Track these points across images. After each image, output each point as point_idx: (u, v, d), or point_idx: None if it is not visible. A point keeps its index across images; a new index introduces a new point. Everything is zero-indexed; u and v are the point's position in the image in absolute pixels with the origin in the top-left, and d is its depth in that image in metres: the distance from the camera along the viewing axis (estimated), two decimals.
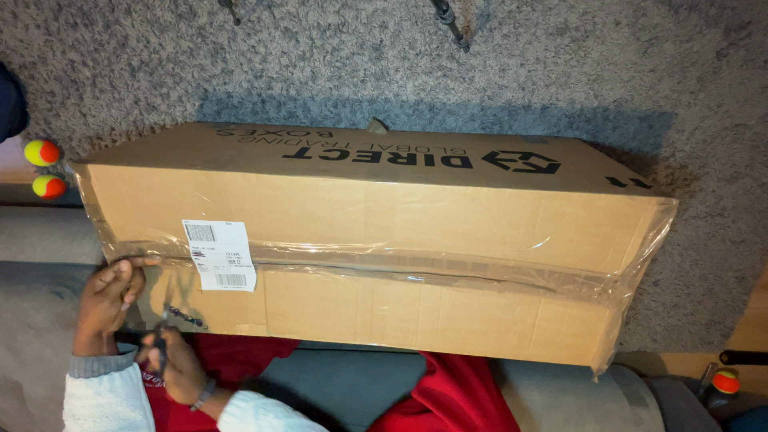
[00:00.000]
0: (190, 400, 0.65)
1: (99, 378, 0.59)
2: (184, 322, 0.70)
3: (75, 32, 0.83)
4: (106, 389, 0.60)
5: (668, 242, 1.00)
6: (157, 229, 0.61)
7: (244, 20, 0.81)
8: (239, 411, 0.64)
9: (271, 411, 0.64)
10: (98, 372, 0.59)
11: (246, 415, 0.63)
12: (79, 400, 0.59)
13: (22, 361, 0.79)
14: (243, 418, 0.63)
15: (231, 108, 0.90)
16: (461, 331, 0.66)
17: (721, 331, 1.12)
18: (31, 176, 0.99)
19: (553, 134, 0.88)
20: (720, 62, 0.80)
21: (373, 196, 0.56)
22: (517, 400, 0.93)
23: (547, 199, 0.54)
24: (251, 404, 0.64)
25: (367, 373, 0.99)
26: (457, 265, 0.61)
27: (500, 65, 0.82)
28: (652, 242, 0.55)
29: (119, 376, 0.61)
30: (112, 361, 0.61)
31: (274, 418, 0.63)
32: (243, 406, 0.64)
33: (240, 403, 0.65)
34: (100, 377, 0.59)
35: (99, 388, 0.59)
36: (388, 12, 0.78)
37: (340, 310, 0.67)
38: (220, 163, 0.58)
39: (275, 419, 0.63)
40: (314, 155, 0.64)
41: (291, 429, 0.63)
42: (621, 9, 0.76)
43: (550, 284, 0.60)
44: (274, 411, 0.64)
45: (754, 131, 0.87)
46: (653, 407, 0.94)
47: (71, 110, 0.92)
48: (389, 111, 0.88)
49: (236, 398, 0.65)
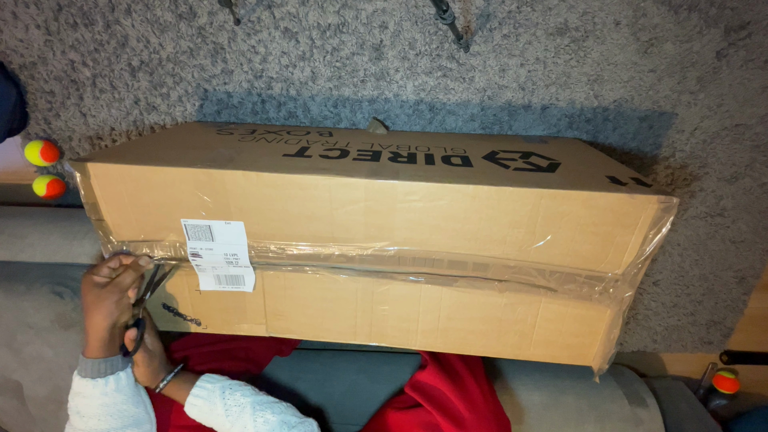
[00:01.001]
0: (155, 382, 0.65)
1: (105, 378, 0.59)
2: (183, 322, 0.70)
3: (75, 32, 0.83)
4: (112, 389, 0.59)
5: (668, 242, 1.00)
6: (157, 228, 0.61)
7: (244, 20, 0.81)
8: (206, 392, 0.64)
9: (238, 390, 0.64)
10: (105, 373, 0.59)
11: (213, 396, 0.63)
12: (86, 399, 0.59)
13: (22, 361, 0.78)
14: (210, 398, 0.63)
15: (231, 108, 0.90)
16: (462, 331, 0.66)
17: (721, 331, 1.12)
18: (31, 176, 0.99)
19: (553, 134, 0.88)
20: (720, 62, 0.80)
21: (374, 194, 0.56)
22: (517, 400, 0.93)
23: (548, 198, 0.54)
24: (218, 385, 0.65)
25: (367, 373, 0.98)
26: (457, 265, 0.61)
27: (500, 65, 0.82)
28: (653, 241, 0.55)
29: (125, 375, 0.61)
30: (119, 360, 0.61)
31: (241, 396, 0.64)
32: (209, 387, 0.64)
33: (206, 384, 0.65)
34: (106, 378, 0.59)
35: (105, 389, 0.59)
36: (388, 12, 0.78)
37: (339, 310, 0.66)
38: (219, 162, 0.58)
39: (242, 397, 0.63)
40: (314, 154, 0.64)
41: (259, 406, 0.63)
42: (621, 9, 0.76)
43: (551, 284, 0.60)
44: (240, 390, 0.65)
45: (754, 131, 0.87)
46: (653, 407, 0.94)
47: (71, 110, 0.92)
48: (389, 111, 0.88)
49: (202, 380, 0.65)
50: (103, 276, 0.60)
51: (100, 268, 0.60)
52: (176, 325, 0.70)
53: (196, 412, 0.64)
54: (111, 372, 0.60)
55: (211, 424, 0.64)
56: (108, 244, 0.63)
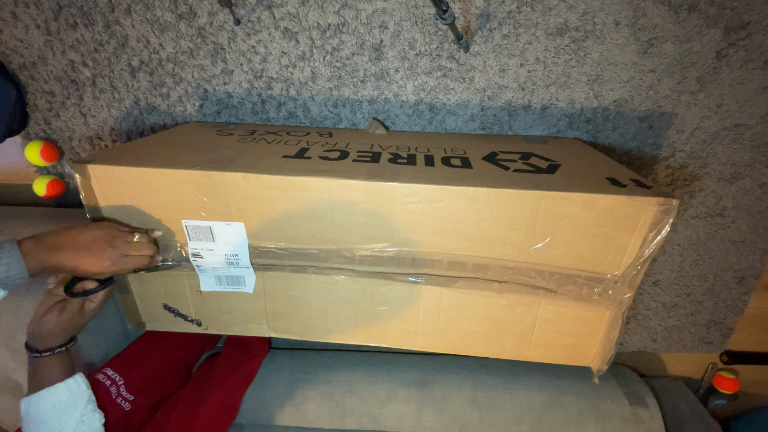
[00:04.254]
0: (51, 339, 0.58)
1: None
2: (184, 323, 0.70)
3: (75, 32, 0.83)
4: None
5: (668, 242, 1.00)
6: (157, 229, 0.61)
7: (244, 20, 0.81)
8: (78, 390, 0.60)
9: (97, 414, 0.62)
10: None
11: (79, 401, 0.60)
12: None
13: (22, 361, 0.78)
14: (76, 400, 0.60)
15: (231, 108, 0.90)
16: (461, 331, 0.66)
17: (721, 331, 1.12)
18: (31, 176, 0.99)
19: (553, 134, 0.88)
20: (720, 62, 0.80)
21: (374, 196, 0.56)
22: (517, 400, 0.93)
23: (548, 200, 0.54)
24: (88, 393, 0.62)
25: (367, 373, 0.99)
26: (457, 266, 0.61)
27: (500, 65, 0.82)
28: (653, 242, 0.55)
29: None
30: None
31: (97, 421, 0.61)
32: (83, 388, 0.61)
33: (82, 383, 0.61)
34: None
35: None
36: (388, 12, 0.78)
37: (340, 310, 0.67)
38: (220, 163, 0.58)
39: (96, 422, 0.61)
40: (314, 155, 0.64)
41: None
42: (621, 9, 0.76)
43: (551, 285, 0.60)
44: (99, 415, 0.62)
45: (754, 131, 0.87)
46: (653, 407, 0.94)
47: (71, 110, 0.92)
48: (389, 111, 0.88)
49: (81, 376, 0.62)
50: (127, 234, 0.58)
51: (127, 231, 0.58)
52: (177, 326, 0.70)
53: (53, 400, 0.58)
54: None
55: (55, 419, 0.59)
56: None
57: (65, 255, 0.53)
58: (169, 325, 0.70)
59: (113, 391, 0.72)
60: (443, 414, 0.92)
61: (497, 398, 0.94)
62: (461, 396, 0.94)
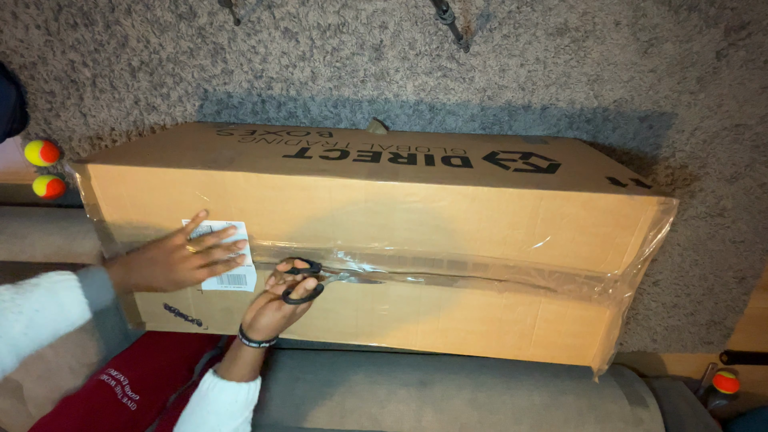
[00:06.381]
0: (267, 333, 0.58)
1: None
2: (184, 322, 0.70)
3: (75, 32, 0.83)
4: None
5: (668, 242, 1.00)
6: (158, 229, 0.61)
7: (244, 20, 0.81)
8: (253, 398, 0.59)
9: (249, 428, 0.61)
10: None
11: (246, 409, 0.59)
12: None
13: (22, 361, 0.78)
14: (245, 407, 0.58)
15: (231, 108, 0.90)
16: (461, 331, 0.66)
17: (721, 331, 1.12)
18: (31, 176, 0.99)
19: (553, 134, 0.88)
20: (720, 62, 0.80)
21: (374, 195, 0.56)
22: (516, 400, 0.93)
23: (548, 199, 0.54)
24: (255, 403, 0.60)
25: (367, 373, 0.99)
26: (457, 266, 0.61)
27: (500, 65, 0.82)
28: (653, 242, 0.55)
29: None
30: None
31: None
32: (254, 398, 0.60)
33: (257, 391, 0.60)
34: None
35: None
36: (388, 12, 0.78)
37: (340, 310, 0.67)
38: (220, 163, 0.58)
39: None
40: (314, 155, 0.64)
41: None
42: (621, 9, 0.76)
43: (551, 284, 0.60)
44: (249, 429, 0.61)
45: (754, 131, 0.87)
46: (653, 407, 0.94)
47: (71, 110, 0.92)
48: (389, 111, 0.88)
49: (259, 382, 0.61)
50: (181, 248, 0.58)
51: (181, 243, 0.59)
52: (178, 326, 0.70)
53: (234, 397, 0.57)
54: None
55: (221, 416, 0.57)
56: (109, 245, 0.63)
57: (145, 274, 0.57)
58: (169, 325, 0.70)
59: (118, 392, 0.72)
60: (443, 414, 0.92)
61: (497, 398, 0.94)
62: (461, 396, 0.94)
